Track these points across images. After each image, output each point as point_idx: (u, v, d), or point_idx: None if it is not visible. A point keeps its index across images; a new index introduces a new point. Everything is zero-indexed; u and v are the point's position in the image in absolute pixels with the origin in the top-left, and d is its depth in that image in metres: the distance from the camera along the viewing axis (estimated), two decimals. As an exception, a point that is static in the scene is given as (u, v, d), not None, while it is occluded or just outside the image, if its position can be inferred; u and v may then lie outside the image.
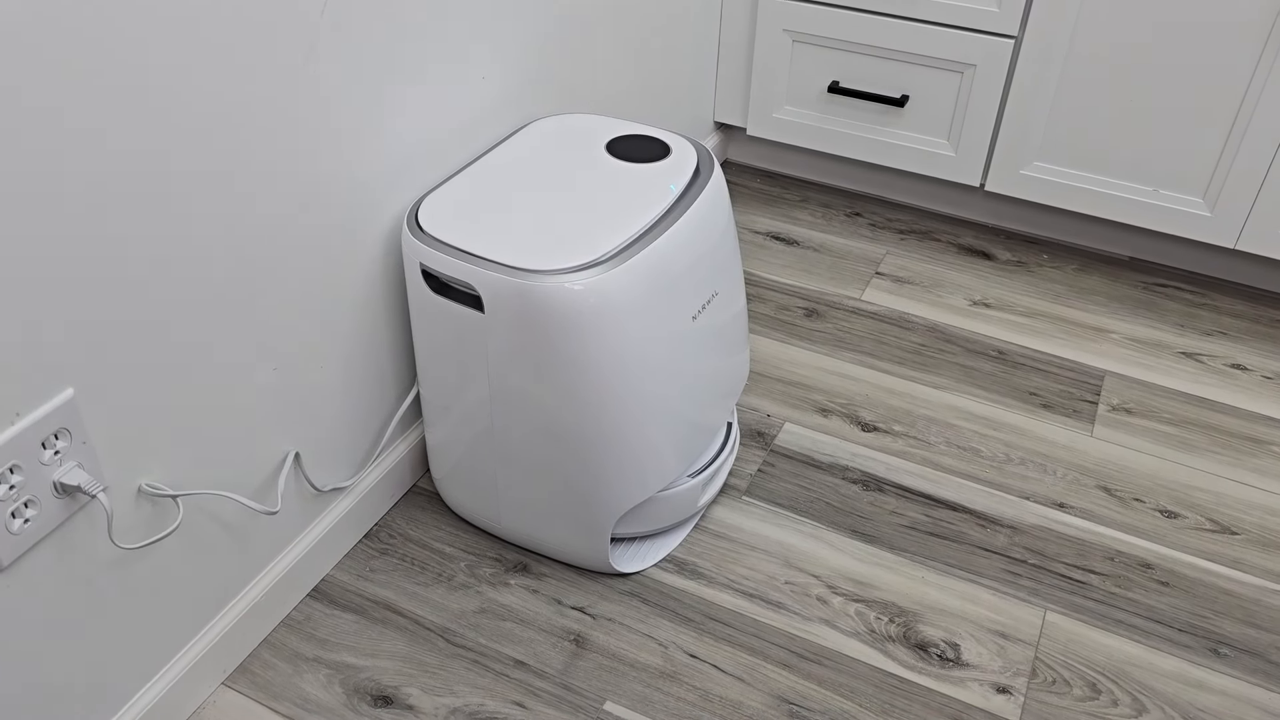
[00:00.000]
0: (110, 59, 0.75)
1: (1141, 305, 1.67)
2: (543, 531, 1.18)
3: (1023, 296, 1.68)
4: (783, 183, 1.97)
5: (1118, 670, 1.12)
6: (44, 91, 0.71)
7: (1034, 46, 1.60)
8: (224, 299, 0.93)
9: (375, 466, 1.23)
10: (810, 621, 1.16)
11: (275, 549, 1.11)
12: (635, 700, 1.08)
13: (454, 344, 1.09)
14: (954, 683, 1.10)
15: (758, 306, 1.64)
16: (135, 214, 0.82)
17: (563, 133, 1.23)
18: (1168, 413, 1.46)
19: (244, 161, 0.90)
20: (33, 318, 0.76)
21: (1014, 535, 1.27)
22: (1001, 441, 1.40)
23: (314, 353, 1.07)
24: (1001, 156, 1.71)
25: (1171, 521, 1.30)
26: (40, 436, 0.79)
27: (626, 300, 1.01)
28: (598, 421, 1.06)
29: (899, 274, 1.73)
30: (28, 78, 0.70)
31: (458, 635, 1.13)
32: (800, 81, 1.81)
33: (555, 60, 1.34)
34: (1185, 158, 1.59)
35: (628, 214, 1.07)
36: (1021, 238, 1.83)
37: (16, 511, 0.79)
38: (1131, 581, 1.22)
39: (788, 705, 1.07)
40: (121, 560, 0.92)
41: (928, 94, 1.72)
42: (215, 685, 1.07)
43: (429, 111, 1.12)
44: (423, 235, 1.05)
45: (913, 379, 1.51)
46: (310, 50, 0.93)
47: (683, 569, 1.21)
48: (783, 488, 1.33)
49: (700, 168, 1.16)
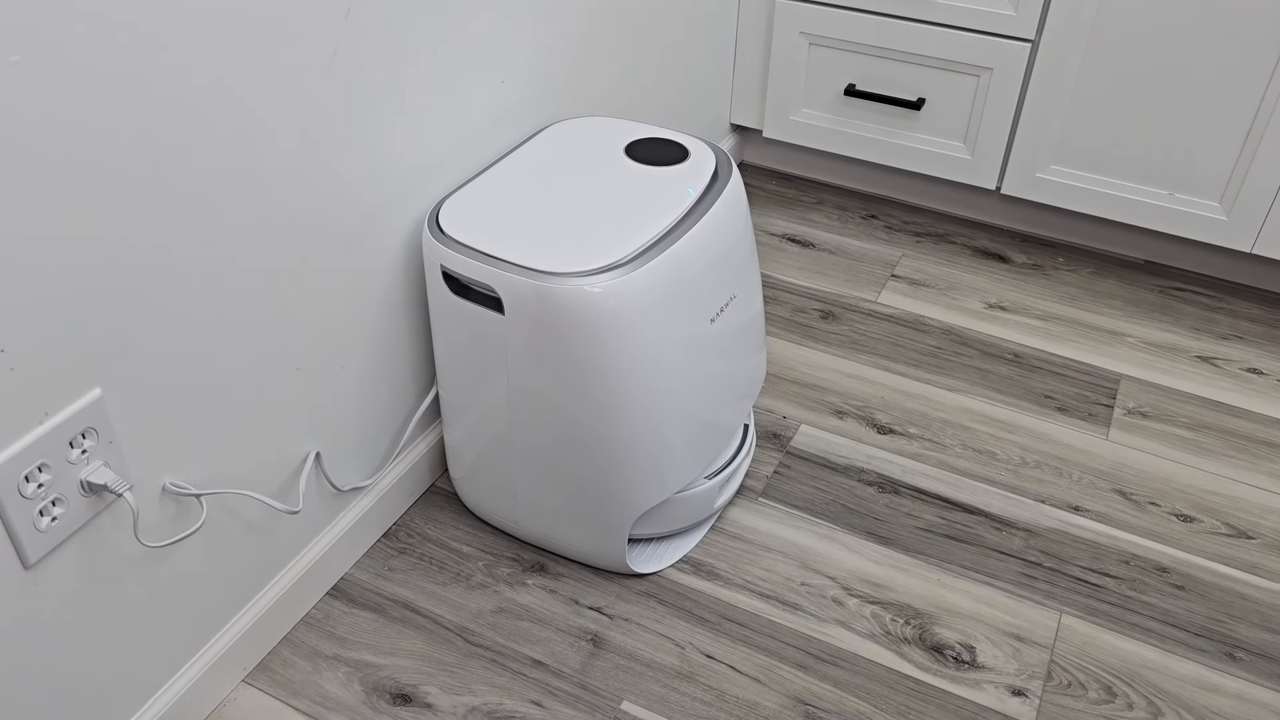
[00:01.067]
0: (138, 61, 0.76)
1: (1157, 309, 1.67)
2: (560, 532, 1.19)
3: (1038, 300, 1.68)
4: (799, 185, 1.97)
5: (1133, 673, 1.12)
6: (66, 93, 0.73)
7: (1050, 50, 1.60)
8: (248, 300, 0.94)
9: (394, 466, 1.24)
10: (826, 623, 1.16)
11: (296, 548, 1.12)
12: (652, 700, 1.08)
13: (474, 345, 1.09)
14: (969, 685, 1.11)
15: (773, 309, 1.65)
16: (161, 217, 0.83)
17: (581, 135, 1.23)
18: (1184, 417, 1.46)
19: (268, 165, 0.91)
20: (61, 318, 0.77)
21: (1029, 538, 1.27)
22: (1017, 444, 1.41)
23: (336, 354, 1.08)
24: (1017, 159, 1.71)
25: (1187, 525, 1.30)
26: (68, 436, 0.80)
27: (645, 303, 1.02)
28: (615, 423, 1.06)
29: (915, 277, 1.73)
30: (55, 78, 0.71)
31: (476, 635, 1.14)
32: (817, 84, 1.81)
33: (574, 64, 1.35)
34: (1202, 161, 1.59)
35: (647, 217, 1.07)
36: (1037, 241, 1.83)
37: (44, 510, 0.80)
38: (1147, 585, 1.22)
39: (804, 706, 1.08)
40: (146, 558, 0.93)
41: (944, 97, 1.72)
42: (236, 683, 1.08)
43: (450, 115, 1.13)
44: (443, 237, 1.06)
45: (928, 381, 1.51)
46: (334, 54, 0.94)
47: (699, 570, 1.22)
48: (799, 490, 1.33)
49: (719, 171, 1.16)
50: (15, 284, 0.73)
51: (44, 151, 0.72)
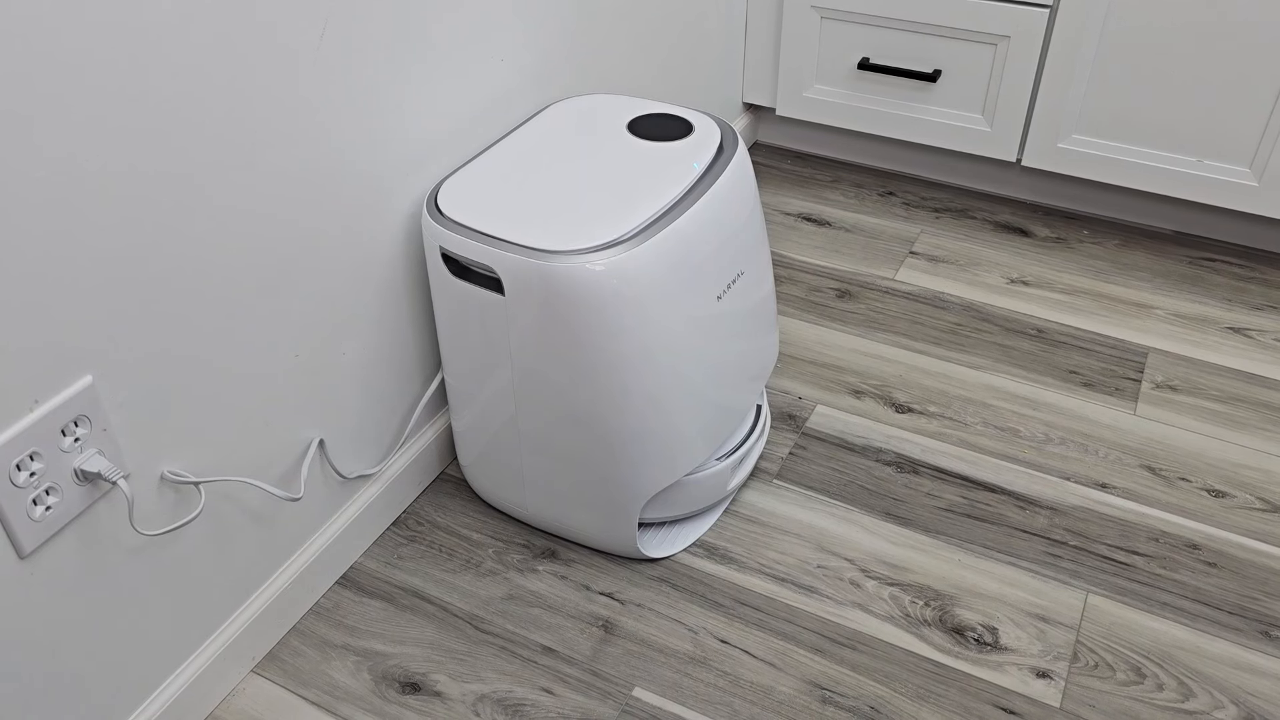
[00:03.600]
0: (121, 50, 0.75)
1: (1187, 280, 1.62)
2: (570, 517, 1.17)
3: (1062, 274, 1.64)
4: (814, 163, 1.94)
5: (1163, 654, 1.09)
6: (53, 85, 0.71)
7: (1070, 14, 1.55)
8: (244, 284, 0.93)
9: (401, 454, 1.23)
10: (843, 606, 1.14)
11: (302, 536, 1.11)
12: (664, 686, 1.06)
13: (476, 328, 1.07)
14: (992, 667, 1.07)
15: (789, 288, 1.62)
16: (153, 201, 0.81)
17: (583, 114, 1.21)
18: (1215, 389, 1.41)
19: (262, 147, 0.90)
20: (49, 305, 0.76)
21: (1054, 517, 1.24)
22: (1041, 421, 1.37)
23: (336, 339, 1.06)
24: (1038, 130, 1.67)
25: (1219, 501, 1.25)
26: (59, 424, 0.79)
27: (648, 279, 1.00)
28: (620, 403, 1.04)
29: (934, 253, 1.69)
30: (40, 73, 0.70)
31: (486, 622, 1.12)
32: (829, 59, 1.77)
33: (577, 44, 1.33)
34: (1230, 126, 1.54)
35: (649, 193, 1.05)
36: (1061, 214, 1.78)
37: (38, 499, 0.79)
38: (1178, 563, 1.18)
39: (820, 690, 1.05)
40: (145, 547, 0.92)
41: (960, 68, 1.68)
42: (245, 672, 1.07)
43: (448, 95, 1.11)
44: (442, 219, 1.04)
45: (948, 359, 1.47)
46: (323, 31, 0.92)
47: (713, 554, 1.20)
48: (815, 471, 1.30)
49: (724, 145, 1.14)
50: (0, 267, 0.72)
51: (29, 133, 0.70)
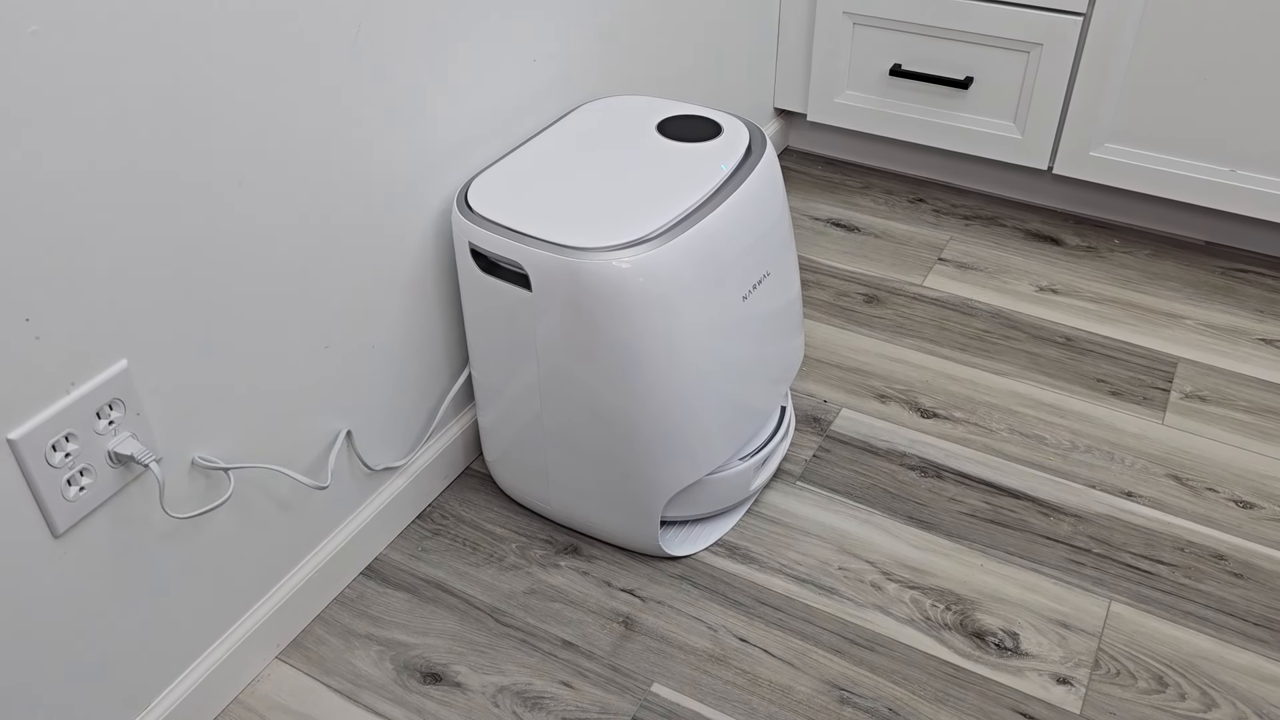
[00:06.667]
0: (163, 55, 0.77)
1: (1218, 291, 1.61)
2: (593, 514, 1.18)
3: (1092, 282, 1.63)
4: (844, 169, 1.94)
5: (1186, 663, 1.08)
6: (90, 62, 0.73)
7: (1103, 22, 1.55)
8: (278, 276, 0.95)
9: (428, 448, 1.24)
10: (864, 608, 1.14)
11: (328, 526, 1.13)
12: (683, 682, 1.06)
13: (503, 324, 1.09)
14: (1012, 672, 1.07)
15: (817, 293, 1.62)
16: (192, 196, 0.83)
17: (614, 114, 1.22)
18: (1244, 400, 1.40)
19: (297, 145, 0.91)
20: (87, 290, 0.78)
21: (1078, 524, 1.23)
22: (1067, 429, 1.36)
23: (365, 332, 1.08)
24: (1070, 138, 1.66)
25: (1247, 512, 1.24)
26: (94, 406, 0.81)
27: (674, 277, 1.00)
28: (644, 400, 1.05)
29: (963, 260, 1.69)
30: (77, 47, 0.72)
31: (507, 615, 1.13)
32: (861, 65, 1.78)
33: (608, 45, 1.34)
34: (1264, 136, 1.52)
35: (677, 192, 1.06)
36: (1092, 223, 1.77)
37: (72, 479, 0.81)
38: (1203, 573, 1.17)
39: (838, 691, 1.05)
40: (175, 531, 0.93)
41: (993, 75, 1.68)
42: (270, 659, 1.09)
43: (481, 94, 1.12)
44: (471, 215, 1.06)
45: (975, 365, 1.47)
46: (359, 29, 0.94)
47: (734, 553, 1.20)
48: (838, 473, 1.30)
49: (752, 146, 1.14)
50: (42, 253, 0.74)
51: (70, 124, 0.72)
